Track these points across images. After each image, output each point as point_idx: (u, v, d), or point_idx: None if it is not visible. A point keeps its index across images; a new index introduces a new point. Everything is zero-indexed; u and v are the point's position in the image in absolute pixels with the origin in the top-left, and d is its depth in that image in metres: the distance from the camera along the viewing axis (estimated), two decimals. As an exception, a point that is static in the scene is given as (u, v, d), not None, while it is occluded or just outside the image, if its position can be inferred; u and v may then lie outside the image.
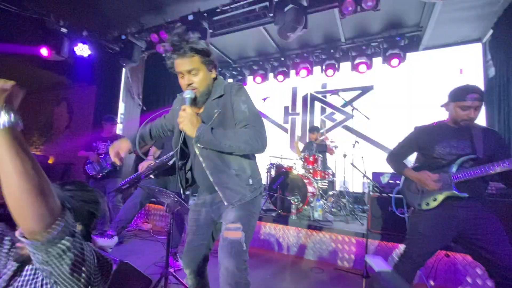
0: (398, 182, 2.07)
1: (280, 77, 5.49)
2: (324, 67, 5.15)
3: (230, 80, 5.90)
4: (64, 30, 3.85)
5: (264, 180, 4.86)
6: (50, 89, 6.61)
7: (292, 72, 5.58)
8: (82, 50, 4.15)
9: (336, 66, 5.11)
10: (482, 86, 4.30)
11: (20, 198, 0.57)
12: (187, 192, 2.39)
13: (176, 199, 2.08)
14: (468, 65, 4.52)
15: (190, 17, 3.71)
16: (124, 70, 4.82)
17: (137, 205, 2.59)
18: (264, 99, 4.45)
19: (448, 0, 3.28)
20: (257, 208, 1.41)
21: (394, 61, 4.49)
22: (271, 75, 5.75)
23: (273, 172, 4.47)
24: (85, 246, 0.73)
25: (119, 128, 3.72)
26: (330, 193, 4.28)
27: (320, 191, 4.05)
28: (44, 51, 3.91)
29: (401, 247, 1.81)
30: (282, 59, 5.53)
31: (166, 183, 2.68)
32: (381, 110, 5.05)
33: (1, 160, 0.56)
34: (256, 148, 1.26)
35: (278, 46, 5.40)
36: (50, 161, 6.00)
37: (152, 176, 2.43)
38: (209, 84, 1.35)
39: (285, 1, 2.99)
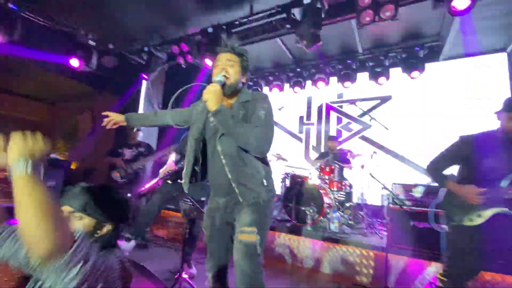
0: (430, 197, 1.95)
1: (297, 88, 5.51)
2: (340, 77, 5.12)
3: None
4: (92, 43, 4.10)
5: (279, 190, 4.82)
6: (76, 98, 6.99)
7: (308, 82, 5.60)
8: (108, 61, 4.39)
9: (353, 76, 5.07)
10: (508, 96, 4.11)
11: (29, 232, 0.63)
12: (203, 198, 2.42)
13: (192, 204, 2.10)
14: (492, 75, 4.36)
15: (210, 30, 3.85)
16: (144, 81, 5.03)
17: (154, 210, 2.64)
18: (280, 109, 4.47)
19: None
20: (271, 212, 1.45)
21: (415, 73, 4.41)
22: (286, 85, 5.79)
23: (288, 182, 4.42)
24: (102, 264, 0.78)
25: (139, 135, 3.87)
26: (347, 204, 4.16)
27: (337, 203, 3.95)
28: (74, 62, 4.18)
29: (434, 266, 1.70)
30: (298, 70, 5.57)
31: (184, 188, 2.71)
32: (400, 121, 4.92)
33: (17, 197, 0.65)
34: (261, 147, 1.33)
35: (294, 56, 5.46)
36: (73, 167, 6.27)
37: (169, 182, 2.47)
38: (238, 82, 1.46)
39: (303, 12, 3.05)
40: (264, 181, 1.41)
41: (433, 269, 2.54)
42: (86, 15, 4.03)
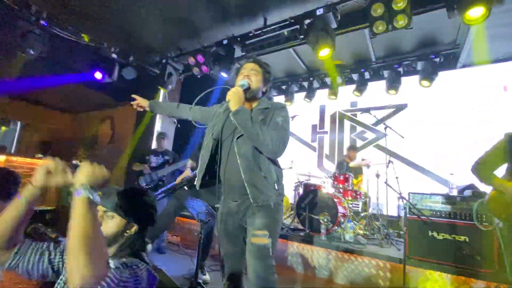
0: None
1: (308, 96, 5.55)
2: (355, 87, 5.11)
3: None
4: (114, 56, 4.34)
5: (292, 198, 4.79)
6: (97, 107, 7.34)
7: (320, 91, 5.62)
8: (128, 73, 4.62)
9: (367, 85, 5.05)
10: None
11: (76, 259, 0.68)
12: (217, 205, 2.46)
13: (207, 210, 2.15)
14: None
15: (225, 42, 4.00)
16: (162, 90, 5.24)
17: (170, 215, 2.71)
18: (293, 118, 4.50)
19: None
20: (281, 216, 1.50)
21: (429, 81, 4.34)
22: (299, 95, 5.83)
23: (300, 191, 4.39)
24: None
25: (165, 143, 4.05)
26: (363, 214, 4.07)
27: (352, 212, 3.88)
28: (98, 75, 4.44)
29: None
30: (311, 79, 5.62)
31: (199, 194, 2.78)
32: (416, 129, 4.82)
33: (73, 217, 0.72)
34: (276, 149, 1.39)
35: (307, 66, 5.52)
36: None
37: (186, 188, 2.54)
38: (259, 89, 1.57)
39: (315, 23, 3.11)
40: (276, 185, 1.46)
41: (454, 284, 2.43)
42: (109, 30, 4.29)
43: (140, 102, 1.94)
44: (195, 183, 1.63)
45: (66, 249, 0.72)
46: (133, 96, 1.96)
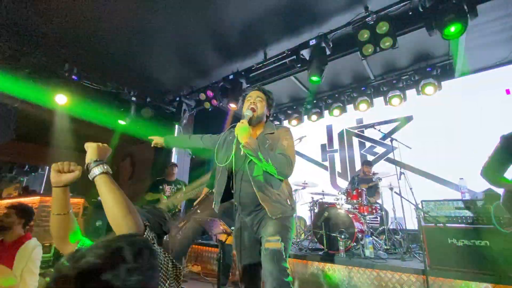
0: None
1: (314, 117, 5.77)
2: (356, 104, 5.31)
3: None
4: (133, 98, 4.83)
5: (309, 220, 4.79)
6: (119, 146, 7.87)
7: (326, 112, 5.85)
8: (146, 113, 5.07)
9: (369, 101, 5.24)
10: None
11: (117, 216, 0.90)
12: (232, 228, 2.59)
13: (224, 230, 2.29)
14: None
15: (231, 77, 4.40)
16: (176, 125, 5.65)
17: (188, 238, 2.84)
18: (301, 139, 4.69)
19: (472, 28, 3.39)
20: (292, 225, 1.62)
21: (429, 89, 4.48)
22: (305, 117, 6.08)
23: (316, 209, 4.42)
24: (161, 254, 0.97)
25: (176, 171, 4.30)
26: (381, 229, 4.01)
27: (370, 228, 3.85)
28: (120, 121, 4.93)
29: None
30: (315, 101, 5.89)
31: (215, 216, 2.92)
32: (424, 140, 4.86)
33: (102, 195, 0.92)
34: (285, 171, 1.56)
35: (309, 90, 5.82)
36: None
37: (199, 211, 2.71)
38: (263, 115, 1.78)
39: (311, 52, 3.45)
40: (288, 200, 1.63)
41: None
42: (128, 76, 4.84)
43: (156, 140, 2.18)
44: (213, 206, 1.79)
45: (109, 219, 0.90)
46: (150, 137, 2.22)
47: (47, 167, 10.38)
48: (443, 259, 2.60)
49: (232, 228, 2.57)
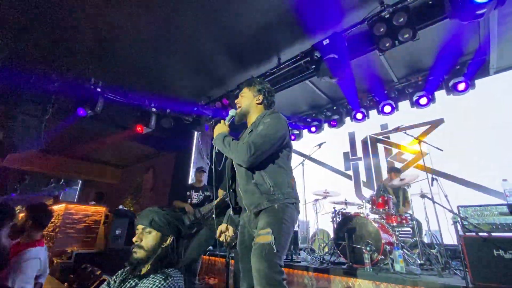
0: None
1: (335, 124, 5.55)
2: (380, 108, 5.03)
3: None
4: (154, 109, 5.01)
5: (331, 231, 4.46)
6: (142, 159, 8.18)
7: (347, 118, 5.60)
8: (166, 123, 5.22)
9: (394, 105, 4.94)
10: None
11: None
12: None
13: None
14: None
15: (245, 83, 4.41)
16: (195, 135, 5.74)
17: (201, 244, 2.73)
18: (320, 145, 4.49)
19: (505, 17, 3.09)
20: (288, 216, 1.40)
21: (461, 86, 4.11)
22: (325, 124, 5.87)
23: (338, 220, 4.11)
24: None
25: (204, 177, 4.09)
26: (413, 241, 3.60)
27: (400, 240, 3.46)
28: (138, 128, 5.09)
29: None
30: (335, 108, 5.69)
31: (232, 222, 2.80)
32: (457, 143, 4.41)
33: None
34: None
35: (328, 97, 5.65)
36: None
37: (214, 217, 2.61)
38: (249, 106, 1.73)
39: (325, 52, 3.34)
40: (272, 189, 1.42)
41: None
42: (150, 88, 5.06)
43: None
44: (223, 212, 1.74)
45: None
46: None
47: (80, 181, 11.04)
48: (489, 274, 2.21)
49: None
